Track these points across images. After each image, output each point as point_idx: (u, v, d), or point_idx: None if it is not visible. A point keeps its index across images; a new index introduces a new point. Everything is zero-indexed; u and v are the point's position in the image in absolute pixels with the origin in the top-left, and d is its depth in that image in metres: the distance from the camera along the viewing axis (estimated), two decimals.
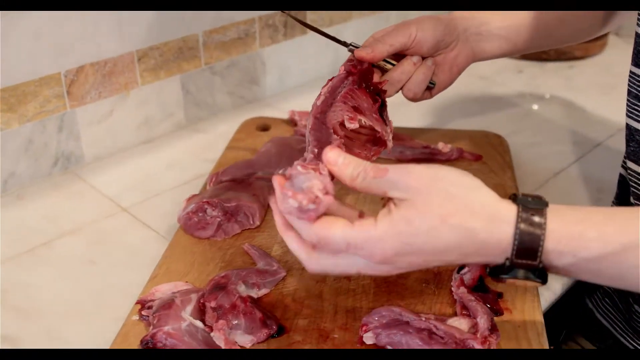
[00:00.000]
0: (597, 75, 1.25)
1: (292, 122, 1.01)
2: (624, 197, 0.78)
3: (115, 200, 0.88)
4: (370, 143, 0.74)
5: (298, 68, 1.20)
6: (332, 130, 0.69)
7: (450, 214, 0.51)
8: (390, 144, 0.74)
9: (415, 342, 0.60)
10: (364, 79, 0.71)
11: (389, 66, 0.74)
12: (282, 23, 1.14)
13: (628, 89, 0.72)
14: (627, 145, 0.73)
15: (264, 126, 1.01)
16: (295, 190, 0.53)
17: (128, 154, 0.99)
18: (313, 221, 0.53)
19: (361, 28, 1.27)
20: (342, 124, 0.70)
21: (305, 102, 0.99)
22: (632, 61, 0.71)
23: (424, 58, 0.75)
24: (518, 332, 0.63)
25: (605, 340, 0.76)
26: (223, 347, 0.61)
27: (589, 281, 0.54)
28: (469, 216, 0.51)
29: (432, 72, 0.75)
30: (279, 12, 1.12)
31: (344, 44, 0.74)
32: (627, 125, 0.73)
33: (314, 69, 1.22)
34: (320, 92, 0.71)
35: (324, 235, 0.52)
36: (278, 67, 1.16)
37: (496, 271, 0.53)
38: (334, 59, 1.25)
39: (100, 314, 0.69)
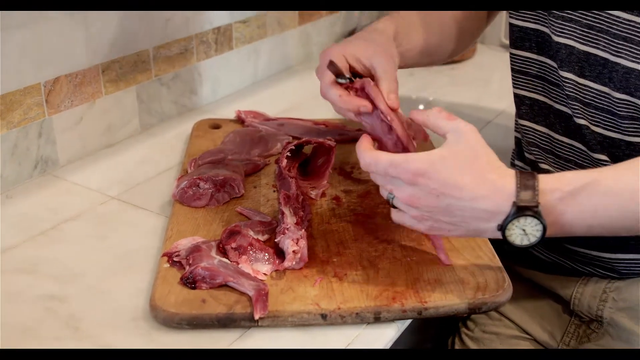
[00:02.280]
0: (473, 73, 1.51)
1: (239, 119, 1.16)
2: (520, 152, 1.00)
3: (102, 192, 0.99)
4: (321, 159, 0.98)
5: (226, 79, 1.35)
6: (287, 177, 0.91)
7: (477, 162, 0.69)
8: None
9: None
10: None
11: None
12: (213, 40, 1.29)
13: (511, 67, 0.94)
14: (518, 109, 0.95)
15: (215, 125, 1.16)
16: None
17: (96, 157, 1.10)
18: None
19: (276, 44, 1.45)
20: (286, 168, 0.93)
21: (234, 108, 1.20)
22: (510, 45, 0.93)
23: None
24: (470, 242, 0.83)
25: (523, 257, 0.97)
26: (252, 275, 0.75)
27: (575, 225, 0.68)
28: (489, 168, 0.69)
29: None
30: (210, 30, 1.28)
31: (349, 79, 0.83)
32: (515, 94, 0.95)
33: (238, 80, 1.39)
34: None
35: (374, 157, 0.71)
36: (211, 79, 1.32)
37: (504, 223, 0.67)
38: (254, 71, 1.42)
39: (130, 271, 0.81)
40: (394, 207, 0.73)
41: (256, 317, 0.70)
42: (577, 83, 0.82)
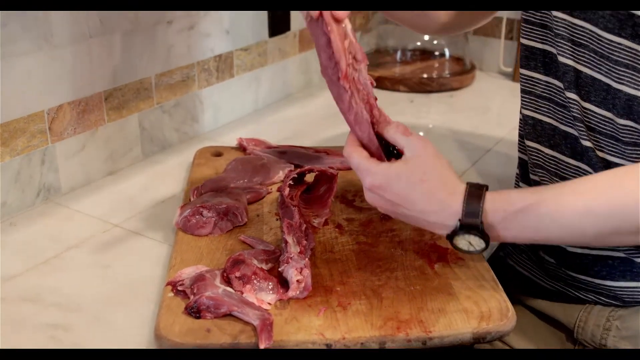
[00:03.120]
0: (472, 101, 1.52)
1: (241, 147, 1.17)
2: (524, 174, 1.00)
3: (104, 219, 0.99)
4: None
5: (227, 107, 1.36)
6: (290, 205, 0.92)
7: (428, 180, 0.75)
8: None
9: None
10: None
11: None
12: (214, 67, 1.30)
13: (520, 87, 0.95)
14: (525, 130, 0.95)
15: (217, 152, 1.16)
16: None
17: (98, 184, 1.10)
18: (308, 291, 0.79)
19: (277, 72, 1.46)
20: (289, 196, 0.94)
21: (235, 135, 1.21)
22: (520, 65, 0.94)
23: None
24: (472, 270, 0.83)
25: (526, 285, 0.97)
26: (256, 304, 0.75)
27: (518, 239, 0.76)
28: (439, 185, 0.75)
29: None
30: (212, 58, 1.29)
31: None
32: (523, 114, 0.95)
33: (240, 108, 1.40)
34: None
35: (348, 153, 0.78)
36: (212, 106, 1.32)
37: (451, 234, 0.75)
38: (255, 98, 1.43)
39: (134, 300, 0.81)
40: None
41: (261, 347, 0.70)
42: (582, 106, 0.83)
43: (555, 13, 0.84)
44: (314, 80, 1.60)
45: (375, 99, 0.80)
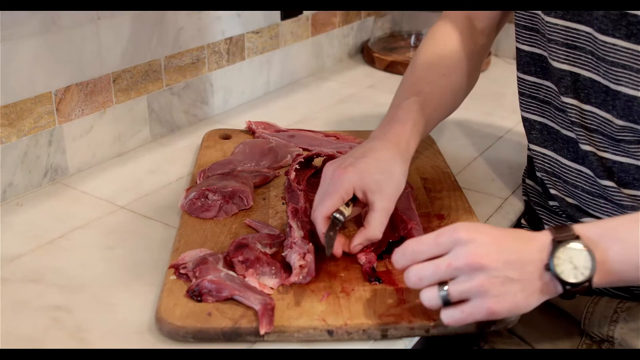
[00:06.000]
0: (487, 87, 1.50)
1: (250, 130, 1.16)
2: (532, 172, 0.99)
3: (111, 201, 0.99)
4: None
5: (238, 89, 1.35)
6: (296, 190, 0.90)
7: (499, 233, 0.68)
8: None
9: None
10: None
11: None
12: (225, 50, 1.29)
13: (519, 90, 0.94)
14: (529, 134, 0.94)
15: (225, 135, 1.15)
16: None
17: (106, 166, 1.10)
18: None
19: (288, 55, 1.45)
20: (295, 181, 0.93)
21: (245, 119, 1.20)
22: (517, 69, 0.93)
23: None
24: None
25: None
26: (258, 288, 0.75)
27: (626, 261, 0.65)
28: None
29: None
30: (223, 40, 1.28)
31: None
32: (525, 117, 0.94)
33: (250, 91, 1.39)
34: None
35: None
36: (223, 89, 1.31)
37: (550, 259, 0.65)
38: (266, 81, 1.42)
39: (136, 283, 0.81)
40: (447, 304, 0.67)
41: (262, 332, 0.69)
42: (581, 109, 0.82)
43: (547, 18, 0.83)
44: (326, 64, 1.58)
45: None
